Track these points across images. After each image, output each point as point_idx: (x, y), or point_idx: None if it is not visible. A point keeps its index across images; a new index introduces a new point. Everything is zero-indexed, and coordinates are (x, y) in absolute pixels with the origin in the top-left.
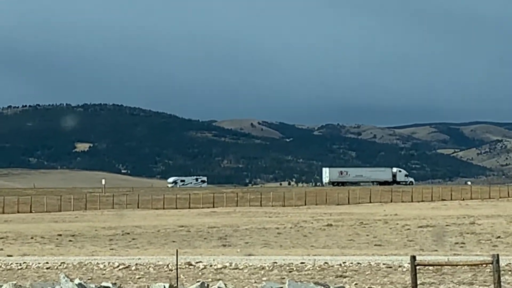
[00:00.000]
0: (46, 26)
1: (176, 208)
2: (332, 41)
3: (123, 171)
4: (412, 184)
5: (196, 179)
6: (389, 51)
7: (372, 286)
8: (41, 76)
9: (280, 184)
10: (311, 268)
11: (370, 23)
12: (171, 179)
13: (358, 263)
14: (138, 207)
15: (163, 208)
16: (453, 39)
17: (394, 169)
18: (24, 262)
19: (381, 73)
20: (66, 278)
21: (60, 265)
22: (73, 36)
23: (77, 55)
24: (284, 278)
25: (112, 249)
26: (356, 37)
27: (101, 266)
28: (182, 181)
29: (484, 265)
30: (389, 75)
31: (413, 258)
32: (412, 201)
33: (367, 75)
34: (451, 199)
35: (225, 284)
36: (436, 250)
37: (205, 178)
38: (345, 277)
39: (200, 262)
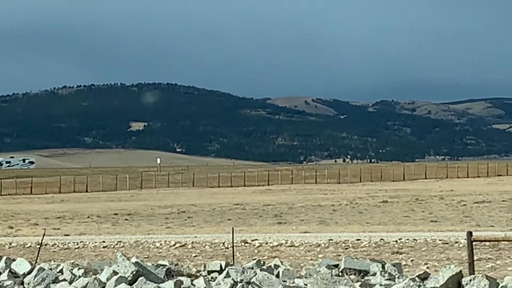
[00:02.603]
0: (100, 8)
1: (231, 186)
2: (386, 21)
3: (178, 149)
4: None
5: (23, 160)
6: (442, 27)
7: (429, 262)
8: (95, 56)
9: (335, 161)
10: (367, 245)
11: (424, 3)
12: None
13: (414, 239)
14: (193, 186)
15: (218, 186)
16: (509, 14)
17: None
18: (81, 241)
19: (435, 49)
20: (123, 257)
21: (116, 244)
22: (128, 18)
23: (131, 35)
24: (340, 255)
25: (168, 227)
26: (410, 14)
27: (158, 244)
28: (7, 162)
29: None
30: (443, 51)
31: (470, 233)
32: (468, 177)
33: (421, 51)
34: (507, 174)
35: (281, 262)
36: (493, 226)
37: (33, 159)
38: (401, 253)
39: (256, 240)
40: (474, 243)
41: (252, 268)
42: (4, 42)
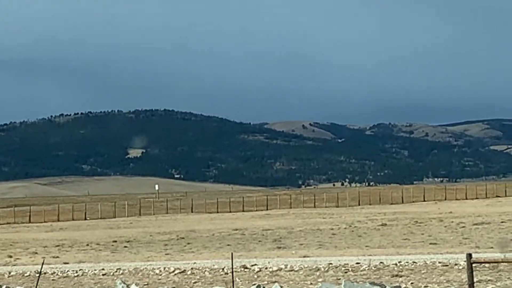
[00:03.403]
0: (97, 35)
1: (230, 212)
2: (382, 42)
3: (176, 176)
4: None
5: None
6: (439, 49)
7: (429, 285)
8: (92, 83)
9: (333, 184)
10: (366, 268)
11: (419, 23)
12: None
13: (414, 262)
14: (192, 212)
15: (217, 212)
16: (505, 35)
17: None
18: (80, 269)
19: (431, 71)
20: (122, 284)
21: (116, 271)
22: (124, 44)
23: (127, 62)
24: (339, 279)
25: (167, 254)
26: (406, 37)
27: (157, 271)
28: None
29: None
30: (440, 73)
31: (469, 255)
32: (466, 199)
33: (418, 73)
34: (506, 196)
35: (281, 286)
36: (492, 247)
37: None
38: (401, 276)
39: (256, 265)
40: (473, 265)
41: None
42: (0, 70)
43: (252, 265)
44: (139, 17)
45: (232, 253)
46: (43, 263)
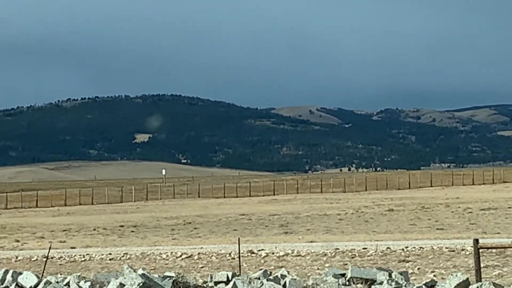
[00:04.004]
0: (104, 20)
1: (237, 197)
2: (391, 28)
3: (183, 161)
4: None
5: None
6: (446, 34)
7: (436, 270)
8: (99, 68)
9: (340, 170)
10: (373, 254)
11: (427, 8)
12: None
13: (421, 247)
14: (199, 196)
15: (224, 197)
16: None
17: None
18: (87, 254)
19: (439, 56)
20: (129, 269)
21: (123, 256)
22: (131, 29)
23: (135, 47)
24: (346, 264)
25: (174, 239)
26: (414, 22)
27: (164, 256)
28: None
29: None
30: (447, 58)
31: (476, 241)
32: (473, 184)
33: (425, 59)
34: None
35: (288, 272)
36: (499, 233)
37: None
38: (407, 261)
39: (262, 250)
40: (480, 250)
41: (259, 279)
42: (8, 55)
43: (259, 250)
44: (147, 2)
45: (239, 238)
46: (50, 248)
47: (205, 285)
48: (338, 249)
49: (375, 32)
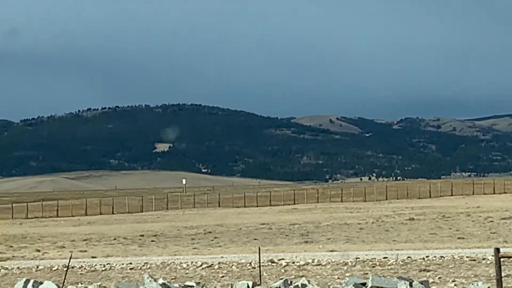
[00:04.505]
0: (123, 30)
1: (257, 206)
2: (411, 37)
3: (203, 170)
4: None
5: None
6: (467, 44)
7: (456, 279)
8: (120, 78)
9: (361, 179)
10: (394, 263)
11: (448, 18)
12: None
13: (442, 256)
14: (219, 206)
15: (244, 206)
16: None
17: None
18: (108, 263)
19: (460, 65)
20: (150, 278)
21: (143, 266)
22: (151, 39)
23: (156, 56)
24: (367, 273)
25: (194, 248)
26: (434, 31)
27: (184, 265)
28: None
29: None
30: (467, 67)
31: (497, 250)
32: (494, 193)
33: (445, 68)
34: None
35: (308, 281)
36: None
37: None
38: (428, 271)
39: (283, 259)
40: (501, 259)
41: None
42: (29, 65)
43: (279, 260)
44: (168, 13)
45: (259, 248)
46: (70, 257)
47: None
48: (358, 258)
49: (395, 41)
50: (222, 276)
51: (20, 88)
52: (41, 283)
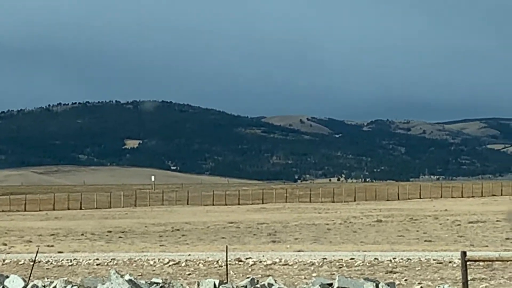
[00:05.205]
0: (96, 25)
1: (226, 205)
2: (382, 39)
3: (172, 167)
4: None
5: None
6: (437, 47)
7: (423, 281)
8: (90, 73)
9: (330, 180)
10: (361, 264)
11: (418, 20)
12: None
13: (408, 259)
14: (187, 204)
15: (213, 205)
16: (505, 33)
17: None
18: (75, 259)
19: (430, 68)
20: (116, 274)
21: (110, 262)
22: (122, 35)
23: (126, 53)
24: (334, 274)
25: (162, 245)
26: (405, 34)
27: (151, 262)
28: None
29: None
30: (438, 70)
31: (464, 253)
32: (462, 197)
33: (417, 71)
34: (502, 195)
35: (275, 280)
36: (487, 246)
37: None
38: (395, 273)
39: (250, 258)
40: (468, 263)
41: (246, 287)
42: None
43: (247, 258)
44: (137, 7)
45: (226, 246)
46: (37, 252)
47: None
48: (325, 258)
49: (367, 42)
50: (189, 274)
51: None
52: (7, 277)
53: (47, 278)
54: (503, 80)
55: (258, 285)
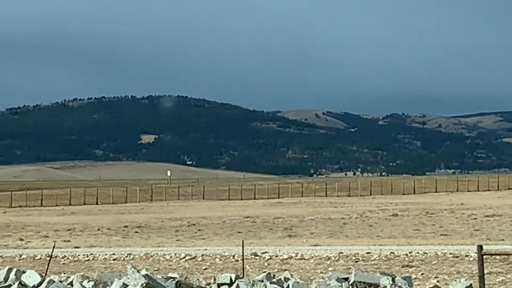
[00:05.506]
0: (112, 20)
1: (242, 199)
2: (398, 33)
3: (188, 162)
4: None
5: None
6: (454, 41)
7: (439, 275)
8: (106, 68)
9: (345, 174)
10: (377, 258)
11: (435, 15)
12: None
13: (424, 252)
14: (203, 198)
15: (229, 199)
16: None
17: None
18: (91, 254)
19: (446, 62)
20: (133, 269)
21: (126, 257)
22: (139, 30)
23: (142, 48)
24: (350, 268)
25: (178, 240)
26: (421, 28)
27: (168, 257)
28: None
29: None
30: (454, 64)
31: (480, 247)
32: (478, 190)
33: (433, 64)
34: None
35: (291, 275)
36: (503, 240)
37: None
38: (411, 267)
39: (266, 252)
40: (484, 256)
41: (262, 281)
42: (15, 53)
43: (263, 253)
44: (155, 3)
45: (243, 241)
46: (54, 247)
47: (208, 286)
48: (342, 253)
49: (382, 37)
50: (205, 269)
51: (6, 76)
52: (24, 272)
53: (64, 273)
54: None
55: (274, 280)
